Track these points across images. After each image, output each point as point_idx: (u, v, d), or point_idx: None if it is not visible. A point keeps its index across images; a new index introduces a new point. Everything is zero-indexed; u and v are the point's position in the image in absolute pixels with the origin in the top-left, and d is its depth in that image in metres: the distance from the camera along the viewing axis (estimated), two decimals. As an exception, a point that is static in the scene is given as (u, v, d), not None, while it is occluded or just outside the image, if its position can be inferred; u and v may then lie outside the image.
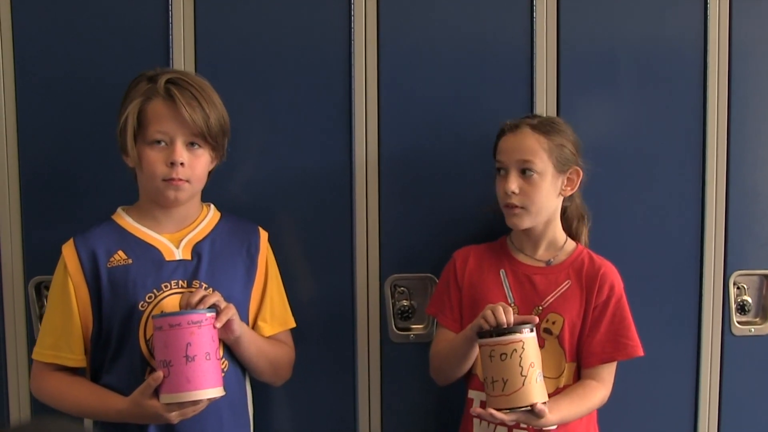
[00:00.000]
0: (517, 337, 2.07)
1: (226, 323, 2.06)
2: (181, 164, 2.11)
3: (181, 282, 2.15)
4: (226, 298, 2.10)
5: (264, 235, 2.32)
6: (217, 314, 2.04)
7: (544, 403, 2.09)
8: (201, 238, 2.23)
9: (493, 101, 2.57)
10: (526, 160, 2.28)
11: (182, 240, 2.20)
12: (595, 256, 2.37)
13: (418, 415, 2.62)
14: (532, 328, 2.11)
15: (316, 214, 2.55)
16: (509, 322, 2.10)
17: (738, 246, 2.65)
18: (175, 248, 2.19)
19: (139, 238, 2.18)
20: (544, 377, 2.15)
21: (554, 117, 2.48)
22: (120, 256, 2.15)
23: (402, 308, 2.59)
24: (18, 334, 2.46)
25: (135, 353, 2.10)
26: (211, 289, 2.14)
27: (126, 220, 2.21)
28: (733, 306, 2.66)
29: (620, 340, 2.29)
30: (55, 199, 2.46)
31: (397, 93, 2.55)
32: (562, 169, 2.30)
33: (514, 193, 2.28)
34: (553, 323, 2.30)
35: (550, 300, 2.32)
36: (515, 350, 2.06)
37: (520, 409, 2.07)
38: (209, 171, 2.23)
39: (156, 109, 2.12)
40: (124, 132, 2.13)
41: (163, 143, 2.12)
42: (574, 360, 2.31)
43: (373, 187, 2.56)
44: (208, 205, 2.32)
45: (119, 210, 2.25)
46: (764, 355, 2.69)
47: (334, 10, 2.52)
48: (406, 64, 2.55)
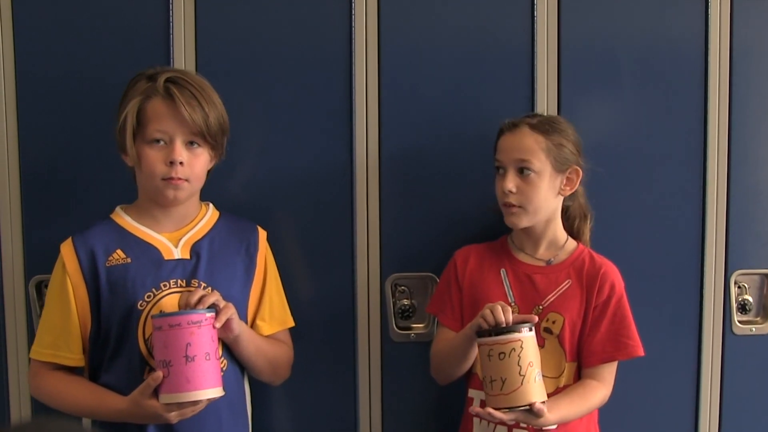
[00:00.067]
0: (515, 336, 2.06)
1: (225, 322, 2.05)
2: (181, 163, 2.11)
3: (179, 281, 2.15)
4: (225, 297, 2.09)
5: (263, 234, 2.32)
6: (217, 314, 2.03)
7: (542, 402, 2.08)
8: (200, 237, 2.22)
9: (494, 100, 2.57)
10: (523, 160, 2.27)
11: (181, 239, 2.20)
12: (595, 255, 2.37)
13: (419, 414, 2.62)
14: (531, 328, 2.11)
15: (317, 213, 2.55)
16: (508, 322, 2.10)
17: (739, 245, 2.65)
18: (173, 247, 2.18)
19: (137, 237, 2.18)
20: (543, 377, 2.15)
21: (556, 116, 2.47)
22: (119, 255, 2.15)
23: (403, 307, 2.58)
24: (18, 333, 2.46)
25: (134, 352, 2.10)
26: (209, 289, 2.13)
27: (125, 219, 2.21)
28: (734, 305, 2.66)
29: (621, 340, 2.29)
30: (55, 198, 2.46)
31: (398, 92, 2.54)
32: (560, 169, 2.30)
33: (512, 192, 2.28)
34: (554, 323, 2.29)
35: (551, 299, 2.32)
36: (514, 349, 2.05)
37: (518, 408, 2.06)
38: (208, 170, 2.23)
39: (155, 108, 2.11)
40: (123, 131, 2.13)
41: (162, 142, 2.11)
42: (575, 360, 2.31)
43: (373, 186, 2.56)
44: (207, 204, 2.31)
45: (118, 209, 2.24)
46: (765, 355, 2.68)
47: (334, 9, 2.51)
48: (407, 63, 2.54)
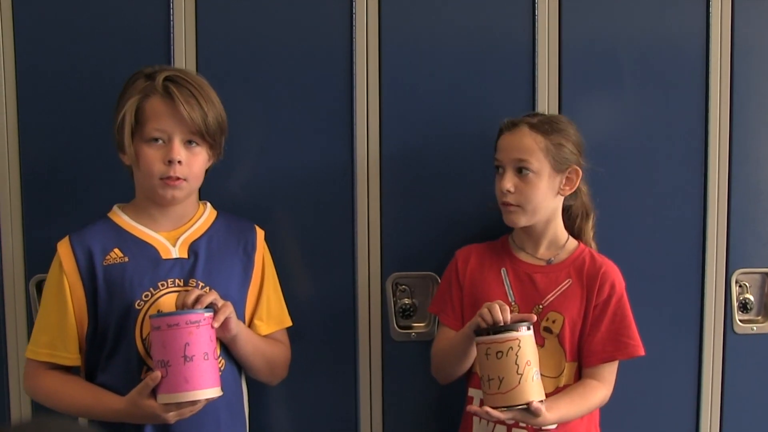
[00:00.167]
0: (513, 335, 2.06)
1: (223, 322, 2.04)
2: (179, 162, 2.10)
3: (177, 280, 2.14)
4: (223, 296, 2.09)
5: (260, 233, 2.31)
6: (215, 313, 2.03)
7: (540, 401, 2.08)
8: (197, 236, 2.22)
9: (495, 99, 2.57)
10: (521, 159, 2.27)
11: (179, 238, 2.19)
12: (596, 254, 2.37)
13: (419, 414, 2.62)
14: (529, 326, 2.10)
15: (318, 213, 2.55)
16: (506, 320, 2.10)
17: (740, 244, 2.65)
18: (171, 246, 2.18)
19: (135, 236, 2.17)
20: (543, 377, 2.15)
21: (557, 115, 2.47)
22: (116, 254, 2.14)
23: (403, 306, 2.58)
24: (19, 332, 2.47)
25: (131, 352, 2.09)
26: (207, 288, 2.13)
27: (122, 218, 2.20)
28: (735, 304, 2.65)
29: (621, 339, 2.29)
30: (56, 198, 2.46)
31: (399, 91, 2.54)
32: (560, 169, 2.29)
33: (510, 191, 2.28)
34: (553, 322, 2.29)
35: (551, 299, 2.31)
36: (511, 348, 2.05)
37: (516, 407, 2.06)
38: (206, 170, 2.22)
39: (154, 106, 2.11)
40: (121, 129, 2.12)
41: (160, 141, 2.11)
42: (575, 359, 2.31)
43: (374, 186, 2.56)
44: (205, 204, 2.31)
45: (115, 208, 2.24)
46: (766, 354, 2.68)
47: (335, 9, 2.51)
48: (408, 62, 2.54)
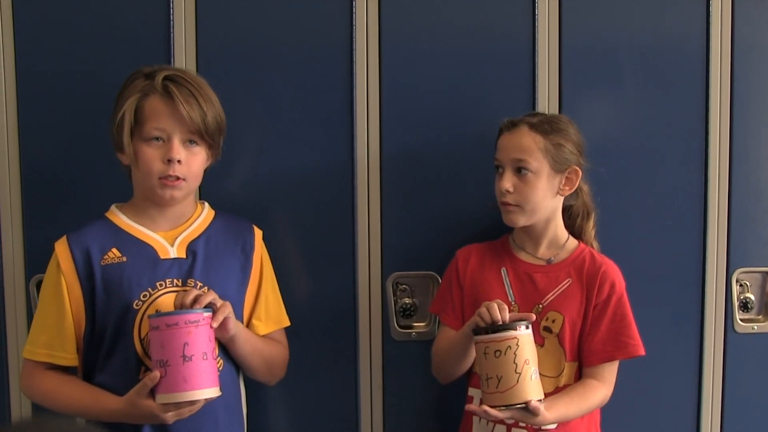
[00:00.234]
0: (511, 334, 2.06)
1: (222, 322, 2.03)
2: (178, 161, 2.10)
3: (175, 280, 2.14)
4: (221, 296, 2.08)
5: (259, 233, 2.31)
6: (214, 313, 2.02)
7: (539, 400, 2.08)
8: (196, 236, 2.21)
9: (495, 99, 2.57)
10: (520, 159, 2.27)
11: (177, 238, 2.19)
12: (596, 254, 2.37)
13: (420, 413, 2.62)
14: (528, 325, 2.10)
15: (318, 213, 2.55)
16: (504, 319, 2.10)
17: (740, 243, 2.64)
18: (169, 246, 2.17)
19: (133, 236, 2.17)
20: (543, 376, 2.15)
21: (558, 115, 2.46)
22: (114, 253, 2.14)
23: (404, 306, 2.58)
24: (19, 332, 2.47)
25: (129, 352, 2.09)
26: (205, 288, 2.13)
27: (120, 218, 2.20)
28: (735, 304, 2.65)
29: (621, 339, 2.29)
30: (55, 198, 2.46)
31: (399, 91, 2.54)
32: (559, 169, 2.29)
33: (509, 191, 2.28)
34: (553, 321, 2.29)
35: (551, 298, 2.31)
36: (509, 347, 2.05)
37: (514, 406, 2.06)
38: (204, 169, 2.22)
39: (153, 105, 2.11)
40: (120, 129, 2.12)
41: (160, 140, 2.11)
42: (575, 359, 2.30)
43: (374, 185, 2.56)
44: (203, 203, 2.30)
45: (113, 207, 2.23)
46: (767, 353, 2.68)
47: (335, 9, 2.51)
48: (408, 62, 2.54)
